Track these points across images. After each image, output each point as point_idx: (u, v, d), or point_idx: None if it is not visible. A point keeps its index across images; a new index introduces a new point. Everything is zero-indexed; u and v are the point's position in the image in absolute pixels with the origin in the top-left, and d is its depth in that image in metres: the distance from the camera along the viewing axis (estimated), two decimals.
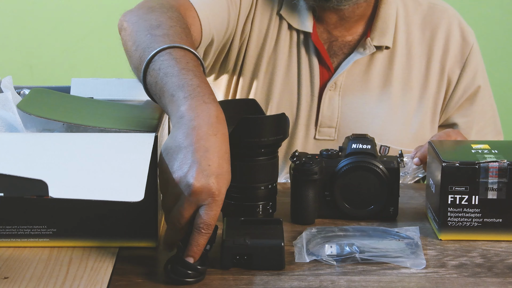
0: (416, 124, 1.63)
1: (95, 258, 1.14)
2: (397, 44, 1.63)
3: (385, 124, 1.62)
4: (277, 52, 1.63)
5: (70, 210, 1.16)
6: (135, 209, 1.16)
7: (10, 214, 1.16)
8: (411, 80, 1.63)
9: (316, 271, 1.12)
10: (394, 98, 1.62)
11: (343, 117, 1.62)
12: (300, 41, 1.63)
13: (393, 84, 1.62)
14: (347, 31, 1.62)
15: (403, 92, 1.63)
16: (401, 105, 1.62)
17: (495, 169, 1.20)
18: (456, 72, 1.65)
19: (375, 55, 1.62)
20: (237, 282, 1.09)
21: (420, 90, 1.64)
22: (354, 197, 1.28)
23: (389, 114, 1.62)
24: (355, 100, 1.62)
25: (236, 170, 1.23)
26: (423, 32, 1.65)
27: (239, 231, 1.14)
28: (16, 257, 1.15)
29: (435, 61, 1.64)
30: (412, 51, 1.64)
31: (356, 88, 1.62)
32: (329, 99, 1.61)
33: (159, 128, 1.19)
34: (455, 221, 1.22)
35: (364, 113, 1.62)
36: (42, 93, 1.32)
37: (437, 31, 1.65)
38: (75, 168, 1.11)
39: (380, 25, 1.61)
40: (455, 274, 1.12)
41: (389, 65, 1.63)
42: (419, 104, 1.63)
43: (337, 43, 1.63)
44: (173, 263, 1.08)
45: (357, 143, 1.28)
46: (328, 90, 1.61)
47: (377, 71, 1.62)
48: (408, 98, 1.63)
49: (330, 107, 1.61)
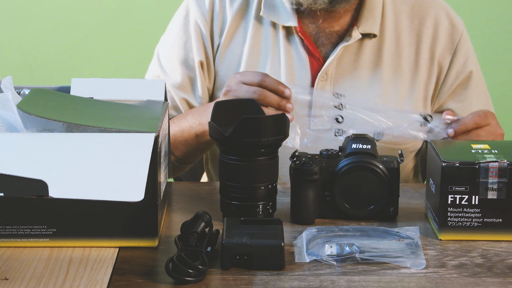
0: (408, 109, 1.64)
1: (95, 258, 1.14)
2: (385, 32, 1.65)
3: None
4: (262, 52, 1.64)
5: (70, 210, 1.16)
6: (135, 209, 1.16)
7: (10, 214, 1.16)
8: (401, 67, 1.65)
9: (316, 271, 1.12)
10: (384, 85, 1.64)
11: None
12: (284, 37, 1.64)
13: (383, 71, 1.64)
14: (334, 22, 1.64)
15: (393, 79, 1.64)
16: (392, 92, 1.64)
17: (495, 169, 1.20)
18: (447, 58, 1.66)
19: (363, 43, 1.64)
20: (237, 282, 1.09)
21: (411, 77, 1.65)
22: (354, 197, 1.28)
23: (380, 101, 1.63)
24: (347, 88, 1.63)
25: (236, 170, 1.24)
26: (411, 21, 1.67)
27: (239, 231, 1.14)
28: (16, 257, 1.15)
29: (425, 48, 1.66)
30: (401, 39, 1.66)
31: (346, 76, 1.63)
32: (322, 89, 1.62)
33: (159, 128, 1.19)
34: (455, 221, 1.22)
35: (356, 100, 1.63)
36: (42, 93, 1.32)
37: (426, 19, 1.67)
38: (75, 168, 1.12)
39: (366, 13, 1.63)
40: (455, 274, 1.12)
41: (378, 53, 1.65)
42: (410, 90, 1.65)
43: (324, 33, 1.64)
44: (174, 262, 1.08)
45: (357, 143, 1.28)
46: (320, 80, 1.62)
47: (367, 59, 1.64)
48: (399, 85, 1.64)
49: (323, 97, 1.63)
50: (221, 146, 1.25)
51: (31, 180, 1.10)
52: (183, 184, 1.66)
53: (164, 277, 1.09)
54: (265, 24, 1.65)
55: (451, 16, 1.69)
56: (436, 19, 1.67)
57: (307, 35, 1.63)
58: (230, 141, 1.22)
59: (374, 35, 1.63)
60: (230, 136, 1.21)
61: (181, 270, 1.07)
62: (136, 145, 1.13)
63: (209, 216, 1.19)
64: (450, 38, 1.67)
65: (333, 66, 1.62)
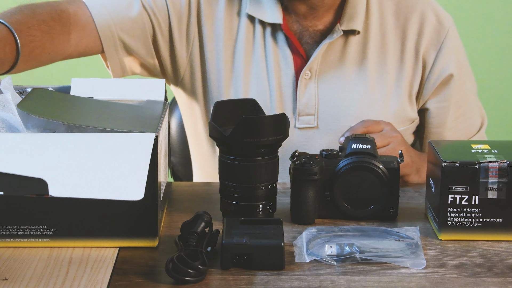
0: (395, 106, 1.64)
1: (95, 258, 1.14)
2: (369, 29, 1.65)
3: (363, 106, 1.64)
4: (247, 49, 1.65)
5: (70, 210, 1.16)
6: (135, 209, 1.16)
7: (10, 214, 1.16)
8: (386, 64, 1.65)
9: (316, 271, 1.12)
10: (370, 82, 1.64)
11: (322, 104, 1.63)
12: (270, 34, 1.64)
13: (368, 68, 1.64)
14: (317, 21, 1.64)
15: (378, 75, 1.65)
16: (378, 88, 1.64)
17: (495, 169, 1.20)
18: (432, 55, 1.66)
19: (348, 40, 1.64)
20: (237, 282, 1.09)
21: (396, 74, 1.66)
22: (354, 197, 1.28)
23: (366, 97, 1.63)
24: (331, 86, 1.63)
25: (236, 170, 1.24)
26: (397, 18, 1.67)
27: (239, 231, 1.14)
28: (16, 257, 1.15)
29: (410, 45, 1.66)
30: (387, 36, 1.66)
31: (331, 74, 1.64)
32: (305, 87, 1.63)
33: (159, 128, 1.19)
34: (455, 221, 1.22)
35: (342, 98, 1.64)
36: (43, 93, 1.32)
37: (412, 15, 1.67)
38: (75, 168, 1.12)
39: (349, 10, 1.63)
40: (455, 274, 1.12)
41: (363, 49, 1.65)
42: (396, 86, 1.65)
43: (308, 32, 1.65)
44: (174, 262, 1.08)
45: (357, 143, 1.28)
46: (303, 78, 1.63)
47: (351, 56, 1.64)
48: (384, 81, 1.65)
49: (307, 95, 1.63)
50: (221, 146, 1.25)
51: (31, 180, 1.10)
52: (183, 184, 1.67)
53: (164, 277, 1.09)
54: (256, 21, 1.65)
55: (437, 12, 1.68)
56: (422, 15, 1.67)
57: (292, 33, 1.64)
58: (230, 141, 1.22)
59: (358, 31, 1.63)
60: (230, 136, 1.21)
61: (181, 270, 1.07)
62: (136, 145, 1.13)
63: (209, 216, 1.19)
64: (436, 35, 1.66)
65: (317, 64, 1.63)
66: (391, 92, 1.65)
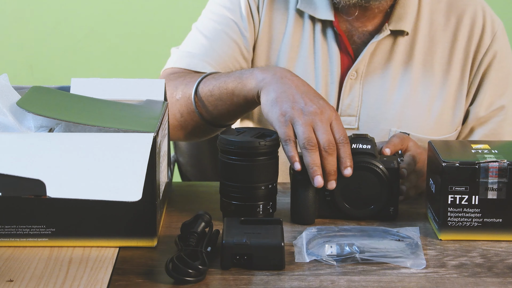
0: (438, 109, 1.62)
1: (95, 258, 1.14)
2: (419, 30, 1.63)
3: (405, 109, 1.61)
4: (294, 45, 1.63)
5: (69, 209, 1.16)
6: (134, 209, 1.16)
7: (9, 213, 1.16)
8: (433, 65, 1.63)
9: (316, 271, 1.12)
10: (414, 84, 1.62)
11: (364, 106, 1.61)
12: (321, 30, 1.62)
13: (413, 70, 1.62)
14: (368, 22, 1.62)
15: (423, 77, 1.62)
16: (422, 91, 1.62)
17: (495, 169, 1.20)
18: (478, 58, 1.64)
19: (396, 41, 1.62)
20: (237, 282, 1.09)
21: (443, 76, 1.63)
22: (354, 197, 1.28)
23: (409, 100, 1.61)
24: (376, 87, 1.61)
25: (236, 170, 1.24)
26: (448, 19, 1.65)
27: (239, 231, 1.14)
28: (16, 257, 1.15)
29: (459, 48, 1.64)
30: (436, 38, 1.64)
31: (377, 75, 1.61)
32: (350, 87, 1.60)
33: (158, 128, 1.19)
34: (455, 221, 1.22)
35: (384, 100, 1.61)
36: (42, 90, 1.32)
37: (463, 18, 1.65)
38: (74, 168, 1.12)
39: (399, 11, 1.61)
40: (455, 274, 1.12)
41: (410, 51, 1.62)
42: (441, 89, 1.63)
43: (357, 32, 1.63)
44: (174, 262, 1.08)
45: (357, 143, 1.28)
46: (349, 78, 1.60)
47: (398, 57, 1.62)
48: (429, 84, 1.62)
49: (351, 96, 1.61)
50: (222, 146, 1.25)
51: (29, 180, 1.10)
52: (183, 184, 1.67)
53: (164, 277, 1.09)
54: (305, 17, 1.63)
55: (487, 14, 1.66)
56: (473, 18, 1.64)
57: (342, 31, 1.62)
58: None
59: (406, 33, 1.61)
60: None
61: (181, 270, 1.07)
62: (134, 144, 1.13)
63: (209, 216, 1.19)
64: (483, 37, 1.64)
65: (363, 65, 1.61)
66: (435, 95, 1.62)
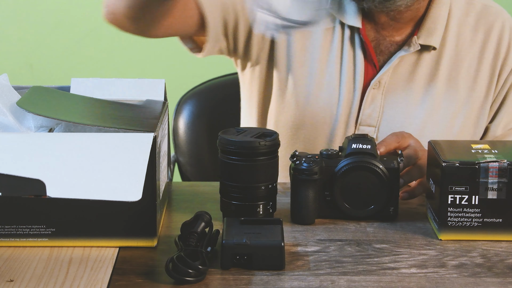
0: (459, 126, 1.60)
1: (95, 258, 1.14)
2: (446, 44, 1.60)
3: (426, 124, 1.59)
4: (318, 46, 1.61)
5: (69, 209, 1.16)
6: (134, 209, 1.16)
7: (9, 213, 1.16)
8: (458, 82, 1.60)
9: (316, 271, 1.12)
10: (437, 100, 1.59)
11: (385, 117, 1.59)
12: (347, 36, 1.60)
13: (437, 86, 1.59)
14: (396, 32, 1.60)
15: (448, 93, 1.60)
16: (445, 107, 1.59)
17: (495, 169, 1.20)
18: (503, 75, 1.62)
19: (422, 55, 1.60)
20: (237, 282, 1.09)
21: (467, 93, 1.61)
22: (354, 197, 1.28)
23: (431, 116, 1.59)
24: (398, 100, 1.59)
25: (236, 170, 1.24)
26: (475, 34, 1.62)
27: (239, 231, 1.14)
28: (16, 257, 1.15)
29: (486, 64, 1.61)
30: (462, 53, 1.61)
31: (400, 88, 1.59)
32: (372, 97, 1.59)
33: (158, 128, 1.19)
34: (455, 221, 1.22)
35: (406, 113, 1.59)
36: (42, 90, 1.32)
37: (490, 33, 1.62)
38: (74, 168, 1.12)
39: (429, 25, 1.58)
40: (455, 274, 1.12)
41: (435, 66, 1.60)
42: (465, 106, 1.60)
43: (385, 42, 1.60)
44: (174, 262, 1.08)
45: (357, 143, 1.28)
46: (372, 88, 1.58)
47: (423, 72, 1.59)
48: (453, 100, 1.60)
49: (372, 106, 1.59)
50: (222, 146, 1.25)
51: (29, 180, 1.10)
52: (183, 184, 1.66)
53: (164, 277, 1.09)
54: (336, 21, 1.61)
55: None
56: (500, 34, 1.62)
57: (368, 39, 1.60)
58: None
59: (433, 48, 1.59)
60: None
61: (181, 270, 1.07)
62: (135, 144, 1.13)
63: (209, 216, 1.19)
64: (509, 56, 1.62)
65: (387, 75, 1.58)
66: (458, 112, 1.60)
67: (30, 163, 1.11)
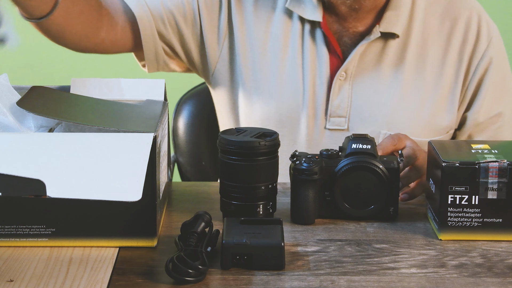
0: (429, 112, 1.62)
1: (95, 258, 1.14)
2: (411, 32, 1.62)
3: (396, 111, 1.61)
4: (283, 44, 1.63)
5: (69, 209, 1.16)
6: (134, 209, 1.16)
7: (9, 213, 1.16)
8: (425, 68, 1.62)
9: (316, 271, 1.12)
10: (405, 86, 1.61)
11: (354, 107, 1.61)
12: (309, 31, 1.62)
13: (404, 72, 1.61)
14: (358, 22, 1.61)
15: (415, 80, 1.62)
16: (413, 93, 1.61)
17: (495, 169, 1.20)
18: (473, 64, 1.63)
19: (387, 43, 1.61)
20: (237, 282, 1.09)
21: (435, 79, 1.62)
22: (354, 197, 1.28)
23: (399, 102, 1.61)
24: (366, 89, 1.61)
25: (237, 170, 1.24)
26: (442, 22, 1.64)
27: (239, 231, 1.14)
28: (16, 257, 1.15)
29: (453, 51, 1.63)
30: (429, 41, 1.63)
31: (367, 76, 1.61)
32: (339, 88, 1.60)
33: (158, 128, 1.19)
34: (455, 221, 1.22)
35: (375, 102, 1.61)
36: (42, 90, 1.32)
37: (457, 22, 1.64)
38: (74, 168, 1.12)
39: (390, 13, 1.60)
40: (455, 274, 1.12)
41: (401, 53, 1.62)
42: (433, 92, 1.62)
43: (348, 33, 1.62)
44: (174, 262, 1.08)
45: (357, 143, 1.28)
46: (338, 79, 1.60)
47: (389, 59, 1.61)
48: (421, 86, 1.61)
49: (340, 97, 1.60)
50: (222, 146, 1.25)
51: (29, 180, 1.10)
52: (183, 184, 1.67)
53: (164, 277, 1.09)
54: (294, 16, 1.63)
55: (482, 19, 1.65)
56: (467, 23, 1.64)
57: (330, 32, 1.61)
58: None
59: (397, 35, 1.60)
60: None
61: (181, 270, 1.07)
62: (135, 145, 1.13)
63: (209, 216, 1.19)
64: (478, 43, 1.63)
65: (353, 65, 1.60)
66: (426, 98, 1.62)
67: (30, 163, 1.11)
